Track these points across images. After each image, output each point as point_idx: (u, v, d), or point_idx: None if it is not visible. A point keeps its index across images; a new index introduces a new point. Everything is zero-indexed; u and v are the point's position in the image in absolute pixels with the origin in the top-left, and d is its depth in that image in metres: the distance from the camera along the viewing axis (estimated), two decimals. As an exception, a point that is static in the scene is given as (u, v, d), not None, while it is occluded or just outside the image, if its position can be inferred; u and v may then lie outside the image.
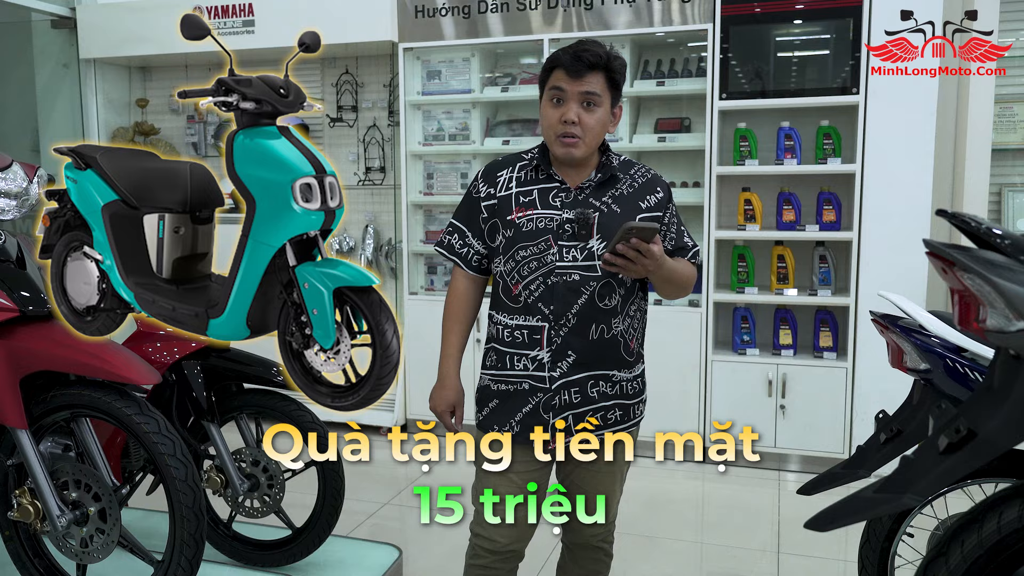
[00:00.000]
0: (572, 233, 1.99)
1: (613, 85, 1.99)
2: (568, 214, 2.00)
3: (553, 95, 1.98)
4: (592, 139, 1.99)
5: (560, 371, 2.01)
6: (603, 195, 2.03)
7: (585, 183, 2.03)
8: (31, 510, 2.31)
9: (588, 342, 2.02)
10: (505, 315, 2.06)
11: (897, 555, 2.25)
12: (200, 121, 5.41)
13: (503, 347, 2.06)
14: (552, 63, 2.00)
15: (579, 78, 1.94)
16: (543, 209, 2.01)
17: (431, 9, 4.51)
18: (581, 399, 2.03)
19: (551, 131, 1.99)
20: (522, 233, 2.00)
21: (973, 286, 1.50)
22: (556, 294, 1.99)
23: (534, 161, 2.07)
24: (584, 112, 1.96)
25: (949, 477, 1.52)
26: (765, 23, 4.08)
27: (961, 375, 1.98)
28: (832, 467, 2.16)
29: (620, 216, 2.02)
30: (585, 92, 1.95)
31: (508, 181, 2.07)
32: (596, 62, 1.95)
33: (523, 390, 2.03)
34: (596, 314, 2.01)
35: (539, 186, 2.04)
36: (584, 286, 1.99)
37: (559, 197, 2.02)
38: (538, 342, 2.01)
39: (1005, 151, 4.34)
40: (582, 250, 1.99)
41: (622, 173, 2.07)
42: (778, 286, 4.21)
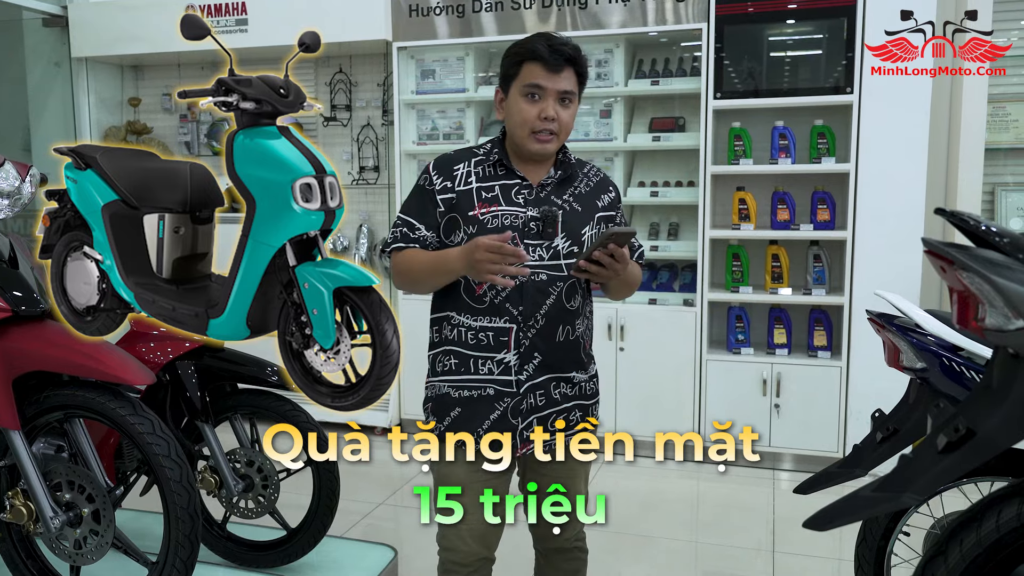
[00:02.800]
0: (537, 231, 1.93)
1: (580, 81, 1.97)
2: (533, 211, 1.94)
3: (529, 91, 1.92)
4: (564, 135, 1.97)
5: (527, 374, 1.96)
6: (564, 193, 2.00)
7: (546, 180, 1.99)
8: (24, 512, 2.29)
9: (554, 343, 1.98)
10: (467, 316, 1.96)
11: (893, 554, 2.26)
12: (193, 120, 5.39)
13: (465, 350, 1.97)
14: (524, 55, 1.93)
15: (557, 73, 1.90)
16: (507, 205, 1.95)
17: (425, 8, 4.51)
18: (546, 402, 1.99)
19: (525, 127, 1.93)
20: (486, 230, 1.91)
21: (972, 285, 1.50)
22: (525, 294, 1.93)
23: (492, 156, 2.00)
24: (561, 109, 1.93)
25: (948, 476, 1.53)
26: (759, 23, 4.08)
27: (957, 374, 1.98)
28: (828, 466, 2.16)
29: (581, 215, 1.99)
30: (563, 90, 1.92)
31: (467, 175, 1.98)
32: (572, 56, 1.92)
33: (488, 395, 1.96)
34: (563, 315, 1.98)
35: (500, 182, 1.97)
36: (552, 286, 1.95)
37: (521, 194, 1.97)
38: (505, 344, 1.94)
39: (998, 151, 4.36)
40: (548, 249, 1.95)
41: (578, 171, 2.05)
42: (772, 285, 4.22)
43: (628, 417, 4.29)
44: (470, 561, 2.03)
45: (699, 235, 4.20)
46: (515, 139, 1.98)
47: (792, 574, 3.23)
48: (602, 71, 4.41)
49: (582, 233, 1.99)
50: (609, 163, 4.50)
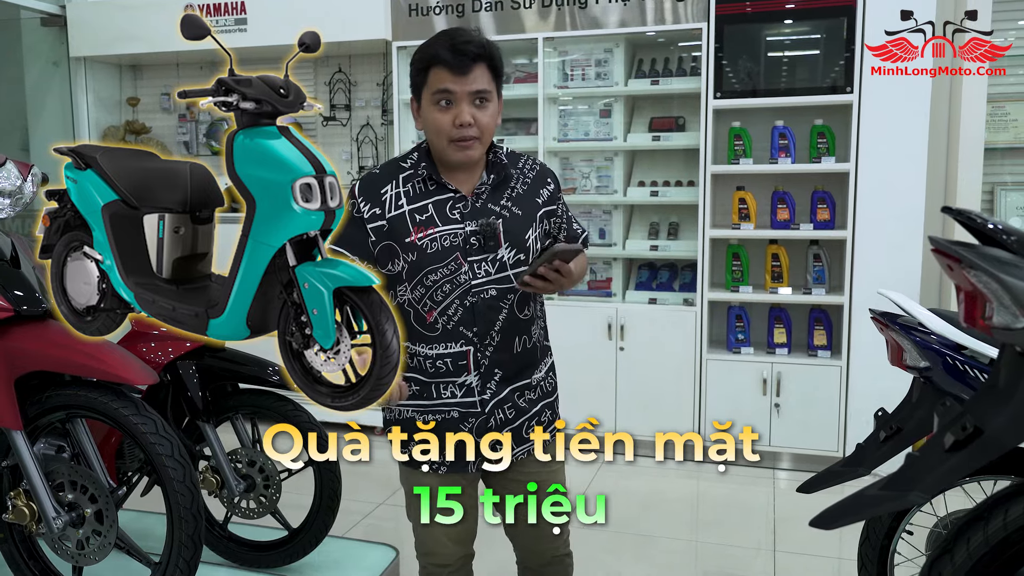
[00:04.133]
0: (480, 246, 1.88)
1: (496, 75, 1.88)
2: (471, 226, 1.88)
3: (439, 98, 1.84)
4: (488, 137, 1.89)
5: (490, 392, 1.94)
6: (500, 198, 1.93)
7: (480, 188, 1.92)
8: (26, 512, 2.29)
9: (513, 355, 1.95)
10: (423, 345, 1.92)
11: (897, 552, 2.26)
12: (191, 120, 5.38)
13: (426, 377, 1.94)
14: (428, 61, 1.84)
15: (465, 75, 1.81)
16: (444, 225, 1.88)
17: (425, 7, 4.50)
18: (515, 413, 1.97)
19: (443, 137, 1.85)
20: (427, 255, 1.86)
21: (979, 283, 1.50)
22: (477, 314, 1.89)
23: (419, 171, 1.91)
24: (477, 111, 1.84)
25: (955, 474, 1.52)
26: (759, 22, 4.09)
27: (960, 372, 1.98)
28: (831, 465, 2.16)
29: (522, 219, 1.94)
30: (476, 91, 1.83)
31: (396, 198, 1.90)
32: (479, 53, 1.82)
33: (453, 418, 1.94)
34: (518, 326, 1.95)
35: (432, 199, 1.89)
36: (502, 300, 1.91)
37: (456, 209, 1.89)
38: (464, 368, 1.92)
39: (997, 150, 4.37)
40: (493, 262, 1.89)
41: (512, 169, 1.97)
42: (772, 285, 4.22)
43: (628, 417, 4.29)
44: (451, 561, 2.05)
45: (699, 235, 4.20)
46: (436, 150, 1.91)
47: (793, 573, 3.23)
48: (602, 71, 4.41)
49: (526, 239, 1.94)
50: (609, 162, 4.50)
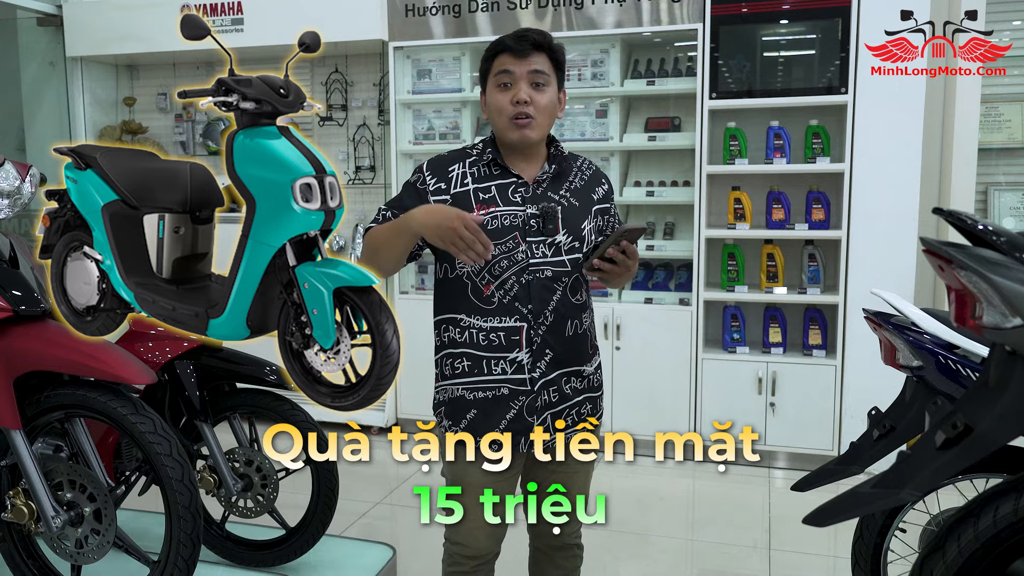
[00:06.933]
0: (538, 228, 1.95)
1: (557, 67, 1.97)
2: (531, 209, 1.96)
3: (500, 80, 1.94)
4: (545, 120, 1.96)
5: (540, 371, 1.99)
6: (559, 188, 2.01)
7: (541, 176, 2.00)
8: (25, 511, 2.29)
9: (564, 339, 2.01)
10: (477, 318, 1.98)
11: (890, 550, 2.28)
12: (188, 120, 5.38)
13: (478, 351, 1.98)
14: (494, 49, 1.97)
15: (525, 58, 1.92)
16: (505, 205, 1.96)
17: (421, 8, 4.51)
18: (559, 397, 2.02)
19: (503, 116, 1.95)
20: (488, 232, 1.90)
21: (970, 283, 1.52)
22: (532, 292, 1.96)
23: (485, 156, 2.00)
24: (535, 92, 1.93)
25: (946, 472, 1.54)
26: (755, 23, 4.11)
27: (953, 371, 2.00)
28: (825, 463, 2.17)
29: (579, 209, 2.01)
30: (534, 71, 1.93)
31: (462, 177, 1.99)
32: (541, 41, 1.94)
33: (503, 395, 1.98)
34: (571, 310, 2.01)
35: (496, 182, 1.98)
36: (557, 282, 1.98)
37: (519, 192, 1.98)
38: (517, 343, 1.97)
39: (991, 151, 4.39)
40: (550, 246, 1.96)
41: (571, 164, 2.06)
42: (768, 285, 4.24)
43: (624, 416, 4.29)
44: (480, 554, 2.08)
45: (695, 234, 4.22)
46: (498, 131, 1.99)
47: (788, 571, 3.25)
48: (598, 71, 4.42)
49: (582, 228, 2.01)
50: (605, 163, 4.52)
